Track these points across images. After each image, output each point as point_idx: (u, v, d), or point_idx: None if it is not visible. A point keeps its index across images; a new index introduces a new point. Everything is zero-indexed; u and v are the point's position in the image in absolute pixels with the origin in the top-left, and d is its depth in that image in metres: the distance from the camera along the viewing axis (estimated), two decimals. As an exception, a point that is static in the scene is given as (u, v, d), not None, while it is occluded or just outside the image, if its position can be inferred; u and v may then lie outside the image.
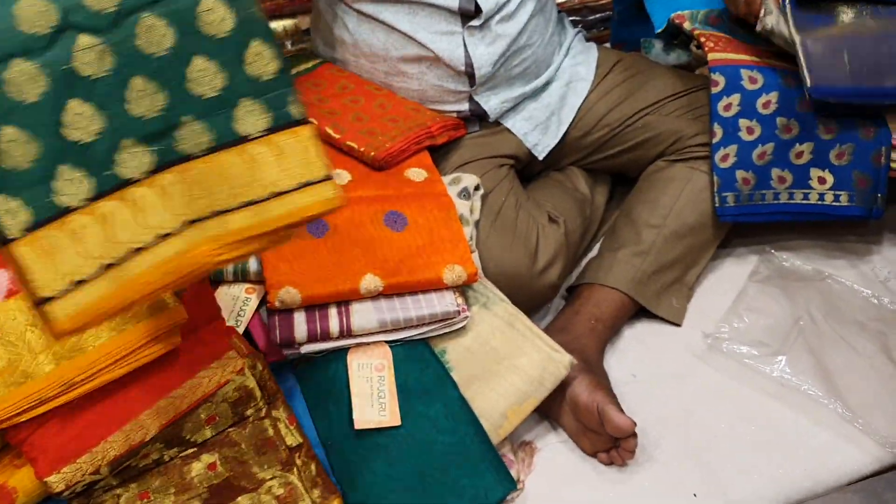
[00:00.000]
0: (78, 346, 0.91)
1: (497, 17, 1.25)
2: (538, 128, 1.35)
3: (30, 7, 0.59)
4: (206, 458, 0.97)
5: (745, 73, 1.29)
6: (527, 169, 1.41)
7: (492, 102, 1.31)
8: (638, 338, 1.27)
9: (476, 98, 1.31)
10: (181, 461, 0.97)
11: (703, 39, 1.33)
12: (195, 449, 0.97)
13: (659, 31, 1.43)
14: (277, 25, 1.61)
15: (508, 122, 1.34)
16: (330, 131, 1.22)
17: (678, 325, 1.28)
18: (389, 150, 1.20)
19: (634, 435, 1.06)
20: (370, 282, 1.06)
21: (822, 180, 1.32)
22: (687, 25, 1.38)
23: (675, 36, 1.48)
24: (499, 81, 1.31)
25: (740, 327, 1.25)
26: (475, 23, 1.24)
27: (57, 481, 0.89)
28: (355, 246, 1.09)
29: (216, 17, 0.64)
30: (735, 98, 1.29)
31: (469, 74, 1.27)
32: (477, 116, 1.33)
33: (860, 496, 1.07)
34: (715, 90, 1.29)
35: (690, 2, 1.44)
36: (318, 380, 1.07)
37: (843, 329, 1.25)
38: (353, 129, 1.23)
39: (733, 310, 1.28)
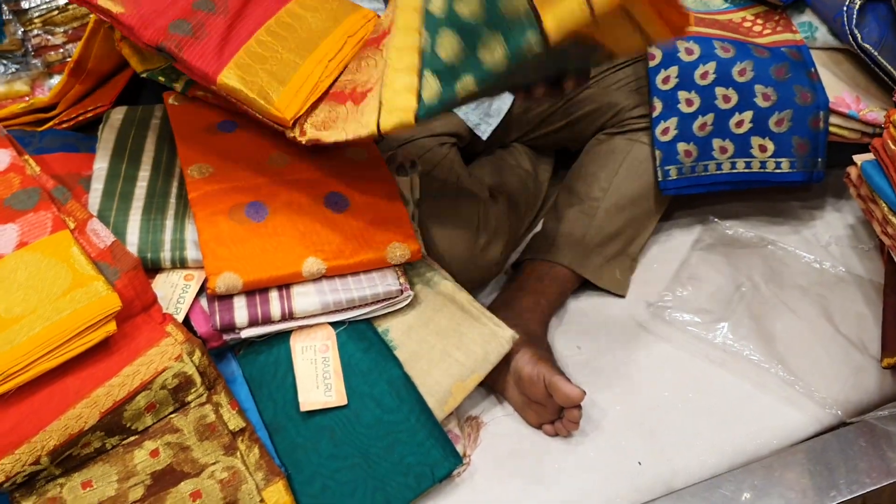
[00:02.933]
0: (11, 337, 0.91)
1: None
2: (479, 107, 1.35)
3: None
4: (149, 445, 0.97)
5: (681, 44, 1.30)
6: (469, 147, 1.41)
7: None
8: (582, 310, 1.28)
9: None
10: (123, 449, 0.96)
11: (638, 11, 1.33)
12: (137, 436, 0.97)
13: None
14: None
15: (449, 101, 1.34)
16: None
17: (622, 296, 1.29)
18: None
19: (579, 406, 1.07)
20: (312, 265, 1.06)
21: (762, 148, 1.34)
22: (623, -3, 1.39)
23: (614, 9, 1.48)
24: None
25: (683, 296, 1.26)
26: None
27: (-4, 474, 0.88)
28: (296, 229, 1.09)
29: None
30: (673, 70, 1.30)
31: None
32: (416, 94, 1.32)
33: (802, 457, 1.09)
34: (652, 63, 1.30)
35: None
36: (261, 364, 1.07)
37: (785, 294, 1.26)
38: None
39: (676, 279, 1.29)
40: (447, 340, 1.10)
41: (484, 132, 1.36)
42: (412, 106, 0.94)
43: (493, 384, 1.14)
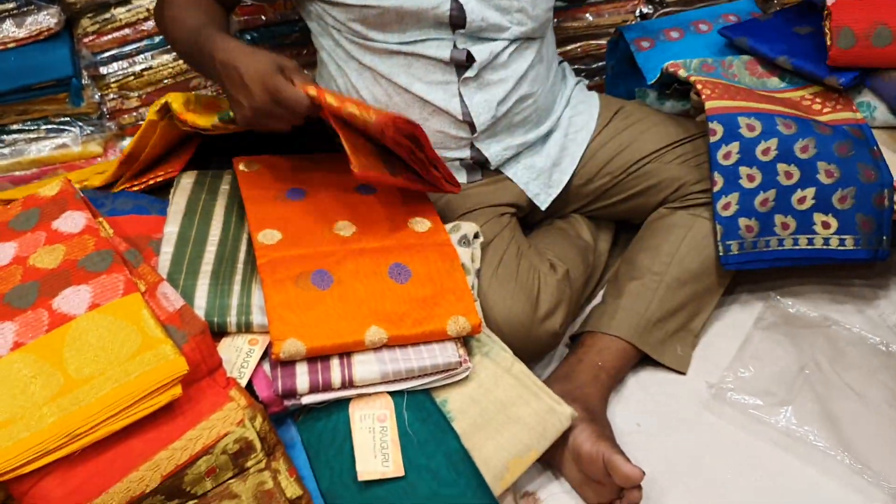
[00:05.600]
0: (80, 398, 0.92)
1: (491, 67, 1.27)
2: (540, 177, 1.36)
3: None
4: (207, 511, 0.97)
5: (742, 120, 1.30)
6: (529, 217, 1.42)
7: (493, 149, 1.33)
8: (642, 386, 1.26)
9: (477, 145, 1.32)
10: (182, 513, 0.97)
11: (699, 87, 1.34)
12: (195, 501, 0.97)
13: (651, 82, 1.46)
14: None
15: (510, 171, 1.35)
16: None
17: (683, 373, 1.27)
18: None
19: (639, 486, 1.05)
20: (375, 334, 1.07)
21: (826, 225, 1.32)
22: (682, 73, 1.41)
23: (669, 86, 1.50)
24: (500, 129, 1.32)
25: (745, 376, 1.24)
26: (469, 73, 1.26)
27: (58, 533, 0.89)
28: (360, 298, 1.10)
29: None
30: (734, 146, 1.30)
31: (468, 123, 1.29)
32: (479, 164, 1.34)
33: (870, 548, 1.06)
34: (713, 139, 1.30)
35: (681, 53, 1.47)
36: (319, 431, 1.07)
37: (850, 377, 1.24)
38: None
39: (738, 358, 1.27)
40: (505, 414, 1.09)
41: (543, 203, 1.37)
42: None
43: (551, 460, 1.13)
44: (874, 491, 1.10)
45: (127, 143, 1.61)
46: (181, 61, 1.56)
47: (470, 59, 1.25)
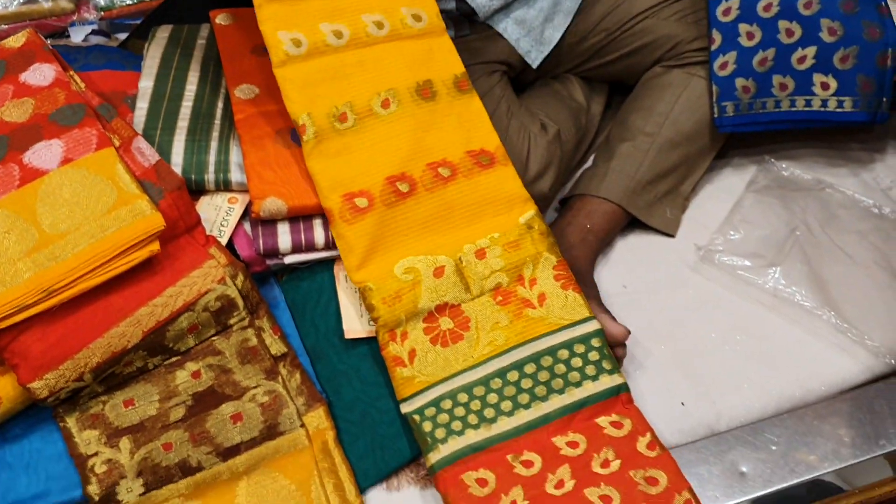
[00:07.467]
0: (56, 253, 0.91)
1: None
2: (531, 34, 1.31)
3: None
4: (191, 367, 0.97)
5: (745, -27, 1.24)
6: (521, 76, 1.37)
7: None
8: (630, 248, 1.25)
9: None
10: (165, 369, 0.97)
11: (702, -62, 1.27)
12: (179, 357, 0.97)
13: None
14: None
15: (500, 26, 1.29)
16: None
17: (672, 235, 1.26)
18: None
19: (623, 345, 1.06)
20: None
21: (825, 86, 1.28)
22: (686, -77, 1.33)
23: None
24: None
25: (735, 239, 1.22)
26: None
27: (40, 387, 0.89)
28: (342, 156, 1.07)
29: None
30: (734, 2, 1.24)
31: None
32: (465, 16, 1.28)
33: (850, 404, 1.07)
34: (713, -8, 1.24)
35: None
36: (303, 290, 1.06)
37: (841, 238, 1.22)
38: None
39: (728, 221, 1.25)
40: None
41: (535, 60, 1.32)
42: None
43: (537, 319, 1.12)
44: (857, 349, 1.10)
45: (100, -1, 1.54)
46: None
47: None
